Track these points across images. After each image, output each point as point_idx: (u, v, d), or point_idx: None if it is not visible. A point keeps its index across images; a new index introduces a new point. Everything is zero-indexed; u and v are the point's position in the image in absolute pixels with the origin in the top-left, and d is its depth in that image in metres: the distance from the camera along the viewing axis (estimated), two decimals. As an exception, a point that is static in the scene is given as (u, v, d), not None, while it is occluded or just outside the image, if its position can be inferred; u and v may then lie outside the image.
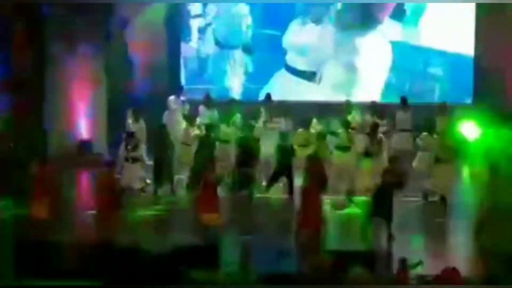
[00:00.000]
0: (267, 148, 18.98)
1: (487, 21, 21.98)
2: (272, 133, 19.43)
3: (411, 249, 14.73)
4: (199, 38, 23.67)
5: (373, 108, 20.53)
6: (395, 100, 21.42)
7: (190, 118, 19.52)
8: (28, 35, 20.59)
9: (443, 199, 17.67)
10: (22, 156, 18.17)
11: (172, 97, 21.40)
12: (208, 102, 20.92)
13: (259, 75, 23.55)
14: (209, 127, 18.71)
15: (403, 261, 12.52)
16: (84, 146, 21.62)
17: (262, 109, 20.28)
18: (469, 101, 22.66)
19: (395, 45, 22.95)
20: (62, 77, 21.33)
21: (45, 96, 21.13)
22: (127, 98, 21.40)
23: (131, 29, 22.44)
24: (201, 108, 20.70)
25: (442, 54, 22.66)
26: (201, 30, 23.63)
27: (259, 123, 19.58)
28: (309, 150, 17.80)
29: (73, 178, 19.90)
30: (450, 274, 12.14)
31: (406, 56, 23.00)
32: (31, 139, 20.08)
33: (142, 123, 20.01)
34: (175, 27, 23.45)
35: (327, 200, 16.57)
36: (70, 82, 21.41)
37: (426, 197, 17.94)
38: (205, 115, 20.33)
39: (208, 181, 15.67)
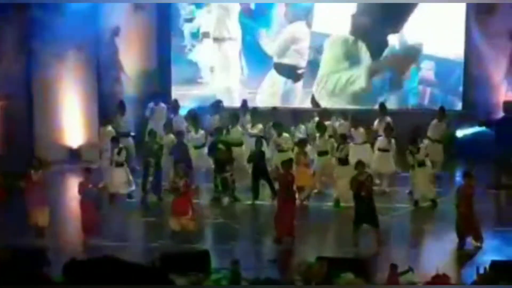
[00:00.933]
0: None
1: (477, 27, 21.97)
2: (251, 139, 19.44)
3: (402, 256, 14.71)
4: (190, 43, 23.57)
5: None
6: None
7: (167, 125, 19.56)
8: (16, 41, 20.49)
9: (433, 203, 17.81)
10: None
11: (151, 104, 21.35)
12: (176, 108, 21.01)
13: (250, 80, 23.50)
14: (179, 133, 18.84)
15: (393, 268, 12.55)
16: (75, 153, 21.57)
17: (240, 115, 20.32)
18: (459, 107, 22.61)
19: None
20: (51, 83, 21.26)
21: (34, 102, 21.04)
22: (118, 104, 21.22)
23: (121, 35, 22.32)
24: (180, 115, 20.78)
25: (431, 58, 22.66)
26: (192, 35, 23.51)
27: (236, 129, 19.56)
28: (287, 156, 17.90)
29: (63, 185, 19.83)
30: (440, 281, 12.17)
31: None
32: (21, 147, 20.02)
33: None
34: (164, 31, 23.33)
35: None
36: (59, 88, 21.34)
37: (416, 203, 17.95)
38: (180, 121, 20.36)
39: (179, 186, 15.79)
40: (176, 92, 23.10)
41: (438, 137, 19.88)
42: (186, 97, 22.80)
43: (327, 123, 19.57)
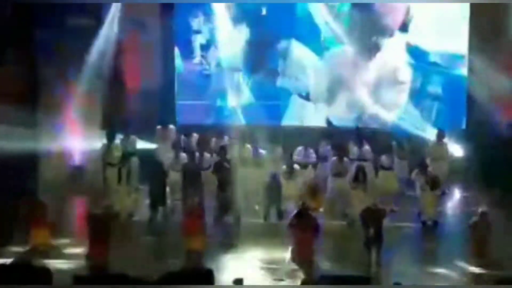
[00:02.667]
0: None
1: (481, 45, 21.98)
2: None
3: (406, 273, 14.71)
4: (196, 58, 23.55)
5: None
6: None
7: (177, 147, 19.51)
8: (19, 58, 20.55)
9: (435, 223, 17.89)
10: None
11: (159, 127, 21.38)
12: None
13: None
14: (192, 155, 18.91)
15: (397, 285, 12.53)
16: (78, 172, 21.57)
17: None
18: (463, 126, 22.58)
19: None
20: (54, 101, 21.32)
21: (37, 121, 21.07)
22: (121, 122, 21.26)
23: (124, 51, 22.35)
24: (194, 136, 20.69)
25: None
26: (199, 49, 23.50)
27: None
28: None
29: (67, 204, 19.82)
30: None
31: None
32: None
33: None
34: (168, 47, 23.31)
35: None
36: (63, 106, 21.39)
37: (424, 224, 18.00)
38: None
39: (191, 206, 15.73)
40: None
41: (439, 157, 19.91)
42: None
43: None
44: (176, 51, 23.39)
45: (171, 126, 21.56)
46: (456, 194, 20.80)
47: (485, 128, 21.34)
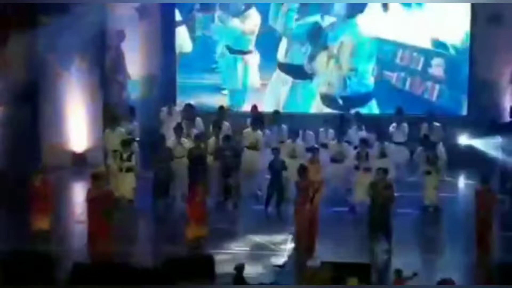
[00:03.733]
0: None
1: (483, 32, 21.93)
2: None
3: (407, 260, 14.68)
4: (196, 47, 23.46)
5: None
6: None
7: (179, 131, 19.17)
8: (21, 46, 20.53)
9: (437, 209, 17.85)
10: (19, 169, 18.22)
11: (164, 108, 21.31)
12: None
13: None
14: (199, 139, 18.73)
15: (398, 272, 12.54)
16: (79, 158, 21.61)
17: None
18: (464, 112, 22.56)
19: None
20: (57, 89, 21.33)
21: (40, 108, 21.08)
22: (123, 110, 21.26)
23: (127, 41, 22.32)
24: (198, 119, 20.59)
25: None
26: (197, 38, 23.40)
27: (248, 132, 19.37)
28: (298, 162, 17.61)
29: (68, 190, 19.84)
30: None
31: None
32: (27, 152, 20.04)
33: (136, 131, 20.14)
34: (169, 37, 23.22)
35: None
36: (64, 93, 21.41)
37: (426, 209, 17.98)
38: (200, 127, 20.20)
39: (196, 193, 15.76)
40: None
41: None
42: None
43: None
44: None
45: (177, 109, 21.38)
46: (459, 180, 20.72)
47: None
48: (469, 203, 16.66)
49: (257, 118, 19.88)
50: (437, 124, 20.10)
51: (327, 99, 22.86)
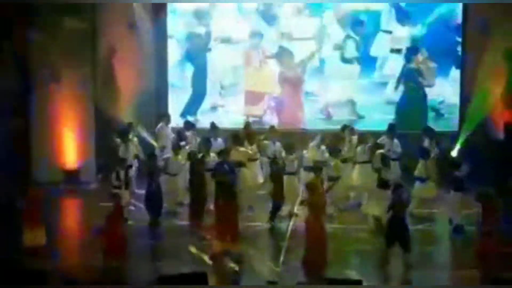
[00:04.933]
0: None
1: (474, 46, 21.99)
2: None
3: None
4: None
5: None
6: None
7: (175, 148, 19.15)
8: (13, 61, 20.51)
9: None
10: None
11: (160, 125, 21.22)
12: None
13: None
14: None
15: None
16: (71, 174, 21.51)
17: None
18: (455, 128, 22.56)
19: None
20: (48, 104, 21.26)
21: (31, 123, 21.03)
22: (115, 125, 21.23)
23: (118, 55, 22.28)
24: (189, 134, 20.49)
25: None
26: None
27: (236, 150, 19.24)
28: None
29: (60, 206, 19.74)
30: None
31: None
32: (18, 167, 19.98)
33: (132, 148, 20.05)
34: (162, 50, 23.23)
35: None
36: (56, 109, 21.35)
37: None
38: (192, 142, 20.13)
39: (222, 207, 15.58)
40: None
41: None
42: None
43: None
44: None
45: (170, 125, 21.31)
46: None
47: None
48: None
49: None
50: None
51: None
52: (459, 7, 22.34)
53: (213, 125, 20.64)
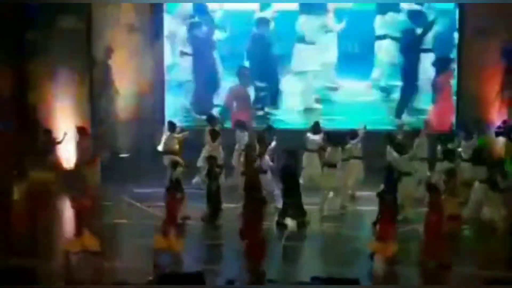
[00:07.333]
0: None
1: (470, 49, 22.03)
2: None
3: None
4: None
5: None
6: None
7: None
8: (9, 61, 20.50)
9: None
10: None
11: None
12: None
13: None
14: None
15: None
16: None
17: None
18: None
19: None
20: (44, 102, 21.25)
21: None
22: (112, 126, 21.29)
23: (115, 57, 22.27)
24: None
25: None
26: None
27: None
28: None
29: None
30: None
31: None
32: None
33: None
34: (159, 53, 23.27)
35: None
36: (52, 109, 21.32)
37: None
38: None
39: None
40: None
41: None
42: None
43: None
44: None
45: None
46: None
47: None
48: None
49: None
50: None
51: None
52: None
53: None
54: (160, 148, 20.33)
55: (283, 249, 16.19)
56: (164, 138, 20.40)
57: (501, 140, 20.50)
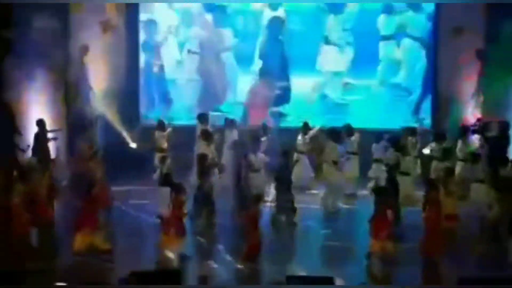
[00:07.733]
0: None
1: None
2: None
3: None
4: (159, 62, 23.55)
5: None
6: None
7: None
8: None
9: None
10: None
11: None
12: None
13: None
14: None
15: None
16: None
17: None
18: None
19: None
20: (19, 103, 21.11)
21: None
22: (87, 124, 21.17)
23: (91, 55, 22.18)
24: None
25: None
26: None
27: None
28: None
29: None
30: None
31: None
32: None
33: None
34: (134, 51, 23.23)
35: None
36: (28, 108, 21.18)
37: None
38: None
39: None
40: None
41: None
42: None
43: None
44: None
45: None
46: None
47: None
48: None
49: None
50: None
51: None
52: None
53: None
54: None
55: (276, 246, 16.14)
56: (155, 136, 20.54)
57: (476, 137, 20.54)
